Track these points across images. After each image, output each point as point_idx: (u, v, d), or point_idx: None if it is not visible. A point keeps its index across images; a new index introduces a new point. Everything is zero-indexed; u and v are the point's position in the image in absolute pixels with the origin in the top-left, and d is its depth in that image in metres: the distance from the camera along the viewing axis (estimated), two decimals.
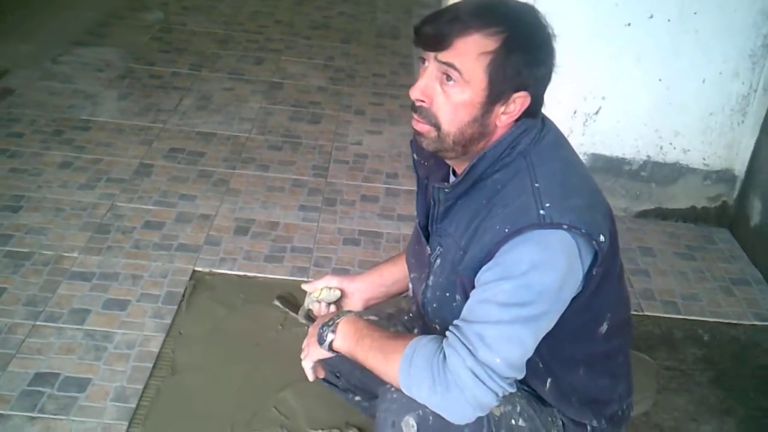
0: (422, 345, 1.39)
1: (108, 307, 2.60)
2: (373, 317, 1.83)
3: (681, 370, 2.59)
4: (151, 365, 2.39)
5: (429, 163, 1.61)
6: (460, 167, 1.50)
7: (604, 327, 1.54)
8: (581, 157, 3.25)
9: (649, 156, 3.36)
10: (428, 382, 1.35)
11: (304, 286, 1.89)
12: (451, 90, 1.38)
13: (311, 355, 1.66)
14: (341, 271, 2.87)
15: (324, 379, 1.88)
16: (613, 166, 3.38)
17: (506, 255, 1.33)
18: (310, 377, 1.73)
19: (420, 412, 1.46)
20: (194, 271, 2.84)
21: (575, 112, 3.26)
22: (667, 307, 2.89)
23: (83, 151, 3.56)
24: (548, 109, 1.53)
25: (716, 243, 3.34)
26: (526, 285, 1.31)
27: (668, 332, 2.76)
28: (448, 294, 1.51)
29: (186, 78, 4.45)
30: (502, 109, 1.40)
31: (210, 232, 3.08)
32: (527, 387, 1.60)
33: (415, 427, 1.48)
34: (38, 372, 2.32)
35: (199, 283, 2.79)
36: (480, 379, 1.31)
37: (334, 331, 1.56)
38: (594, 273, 1.39)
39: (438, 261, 1.55)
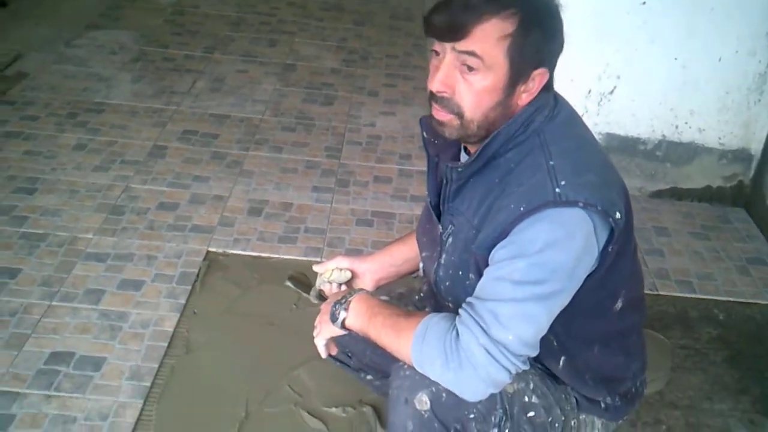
0: (435, 322, 1.39)
1: (123, 288, 2.62)
2: (384, 297, 1.83)
3: (696, 349, 2.57)
4: (165, 344, 2.40)
5: (439, 141, 1.59)
6: (474, 146, 1.49)
7: (619, 304, 1.53)
8: (596, 136, 3.28)
9: (664, 135, 3.34)
10: (441, 359, 1.34)
11: (315, 267, 1.89)
12: (473, 78, 1.36)
13: (323, 333, 1.66)
14: (353, 252, 2.87)
15: (335, 358, 1.89)
16: (628, 145, 3.36)
17: (522, 233, 1.33)
18: (323, 354, 1.74)
19: (433, 389, 1.46)
20: (208, 252, 2.85)
21: (590, 92, 3.23)
22: (682, 286, 2.88)
23: (97, 134, 3.57)
24: (562, 89, 1.51)
25: (732, 222, 3.32)
26: (540, 263, 1.31)
27: (683, 311, 2.75)
28: (461, 272, 1.50)
29: (199, 60, 4.44)
30: (523, 87, 1.40)
31: (224, 213, 3.08)
32: (541, 365, 1.60)
33: (429, 404, 1.48)
34: (54, 351, 2.34)
35: (213, 263, 2.80)
36: (493, 357, 1.30)
37: (346, 309, 1.56)
38: (610, 250, 1.38)
39: (450, 239, 1.54)
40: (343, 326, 1.58)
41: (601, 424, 1.70)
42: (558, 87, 1.49)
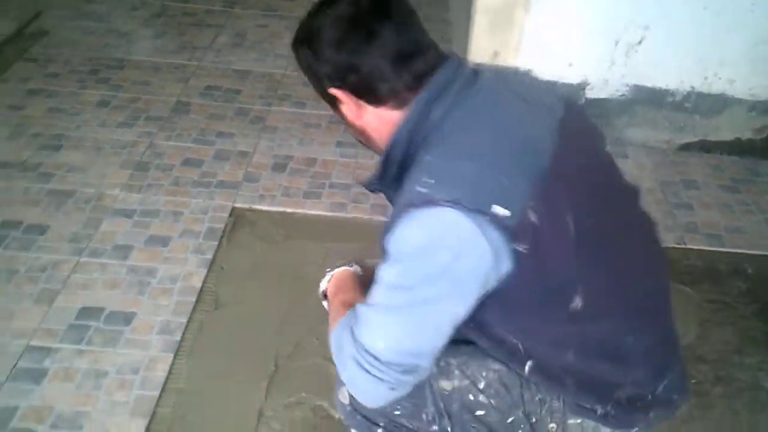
0: (345, 319, 1.32)
1: (150, 244, 2.63)
2: None
3: (725, 303, 2.56)
4: (194, 299, 2.41)
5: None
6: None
7: (578, 303, 1.30)
8: (623, 89, 3.24)
9: (693, 87, 3.28)
10: (336, 358, 1.30)
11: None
12: None
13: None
14: (378, 208, 2.87)
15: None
16: (655, 97, 3.30)
17: (393, 237, 1.23)
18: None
19: None
20: (234, 208, 2.85)
21: (617, 43, 3.17)
22: (711, 240, 2.85)
23: (120, 90, 3.55)
24: (588, 40, 1.45)
25: (762, 175, 3.27)
26: (410, 268, 1.21)
27: (712, 265, 2.72)
28: None
29: (220, 15, 4.40)
30: (344, 105, 1.40)
31: (248, 168, 3.08)
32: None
33: (348, 398, 1.49)
34: (84, 307, 2.36)
35: (239, 219, 2.80)
36: (364, 369, 1.23)
37: (329, 279, 1.60)
38: (522, 250, 1.21)
39: None
40: (324, 296, 1.59)
41: (592, 428, 1.49)
42: (584, 38, 1.43)
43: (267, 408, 2.10)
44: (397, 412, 1.46)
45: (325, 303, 1.64)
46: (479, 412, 1.46)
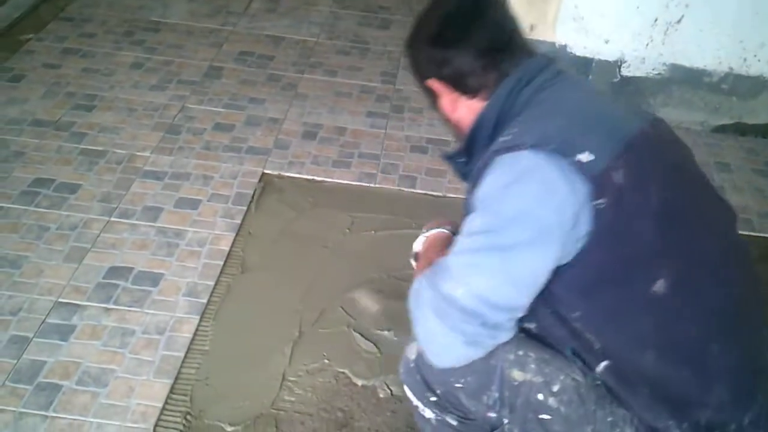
0: (427, 273, 1.32)
1: (179, 206, 2.65)
2: None
3: None
4: (221, 263, 2.43)
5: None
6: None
7: (660, 286, 1.23)
8: (660, 67, 3.19)
9: (731, 68, 3.22)
10: (414, 311, 1.31)
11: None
12: None
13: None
14: (407, 179, 2.86)
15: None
16: (692, 77, 3.25)
17: (479, 189, 1.27)
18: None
19: None
20: (263, 174, 2.86)
21: (656, 20, 3.12)
22: (743, 224, 2.81)
23: (154, 53, 3.56)
24: (627, 16, 1.46)
25: None
26: (493, 211, 1.23)
27: None
28: None
29: None
30: (441, 100, 1.49)
31: (279, 135, 3.08)
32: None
33: (415, 355, 1.48)
34: (113, 266, 2.38)
35: (268, 185, 2.81)
36: (439, 316, 1.24)
37: (423, 241, 1.63)
38: (602, 206, 1.19)
39: None
40: (416, 258, 1.60)
41: None
42: (622, 15, 1.44)
43: (290, 373, 2.12)
44: (458, 385, 1.41)
45: (413, 262, 1.66)
46: (544, 416, 1.36)
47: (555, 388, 1.34)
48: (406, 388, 1.56)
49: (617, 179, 1.20)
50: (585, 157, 1.19)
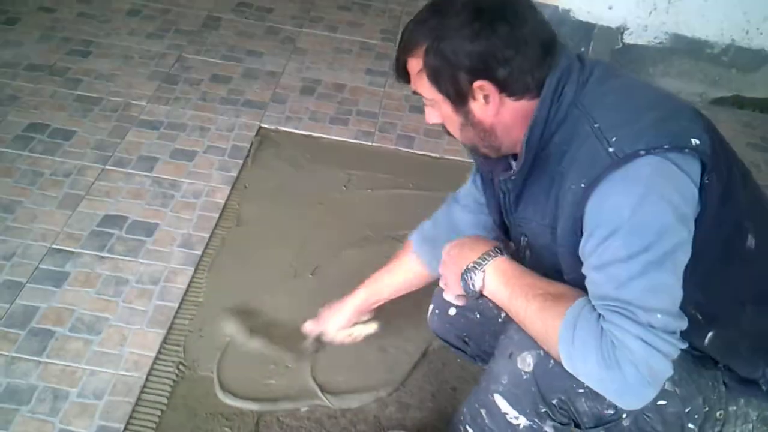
0: (584, 315, 1.22)
1: (175, 157, 2.63)
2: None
3: None
4: (216, 215, 2.42)
5: (488, 159, 1.49)
6: (516, 150, 1.39)
7: (751, 241, 1.31)
8: (662, 36, 3.17)
9: (733, 40, 3.21)
10: (596, 355, 1.19)
11: (311, 329, 1.99)
12: (434, 111, 1.39)
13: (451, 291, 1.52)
14: (404, 139, 2.85)
15: (453, 344, 1.79)
16: (693, 48, 3.24)
17: (599, 210, 1.21)
18: (461, 303, 1.60)
19: (541, 352, 1.35)
20: (260, 128, 2.84)
21: None
22: None
23: (151, 0, 3.51)
24: None
25: None
26: (638, 228, 1.18)
27: None
28: (557, 272, 1.37)
29: None
30: (478, 103, 1.32)
31: (276, 89, 3.05)
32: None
33: (531, 366, 1.37)
34: (107, 214, 2.37)
35: (264, 139, 2.79)
36: (650, 345, 1.16)
37: (483, 278, 1.39)
38: (707, 181, 1.22)
39: (528, 253, 1.45)
40: (480, 296, 1.41)
41: (757, 417, 1.43)
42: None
43: None
44: (581, 390, 1.35)
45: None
46: (660, 401, 1.36)
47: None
48: (499, 397, 1.44)
49: (713, 152, 1.22)
50: (694, 142, 1.20)
